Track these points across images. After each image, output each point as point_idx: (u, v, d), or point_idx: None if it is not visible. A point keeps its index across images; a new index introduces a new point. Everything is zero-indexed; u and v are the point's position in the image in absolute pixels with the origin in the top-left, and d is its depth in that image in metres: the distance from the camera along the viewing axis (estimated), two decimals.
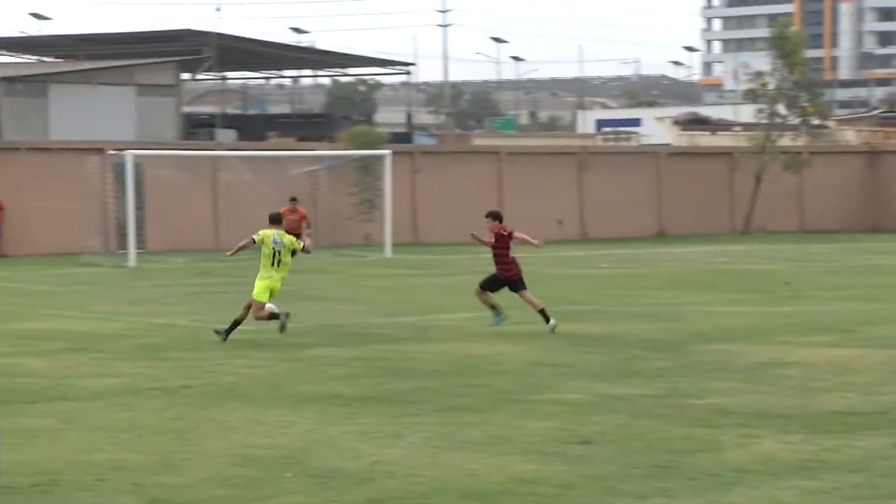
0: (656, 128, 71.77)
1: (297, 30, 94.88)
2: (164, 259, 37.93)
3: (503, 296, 21.22)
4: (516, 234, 21.38)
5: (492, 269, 21.37)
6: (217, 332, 19.43)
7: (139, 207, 39.80)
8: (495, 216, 21.66)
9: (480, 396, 14.63)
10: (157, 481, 10.65)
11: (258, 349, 18.60)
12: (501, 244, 21.18)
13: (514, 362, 17.31)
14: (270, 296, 19.85)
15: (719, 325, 21.45)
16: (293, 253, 20.31)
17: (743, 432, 12.58)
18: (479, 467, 11.15)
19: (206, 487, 10.48)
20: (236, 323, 19.49)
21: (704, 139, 64.97)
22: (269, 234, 20.16)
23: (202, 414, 13.56)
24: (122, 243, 38.70)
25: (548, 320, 20.36)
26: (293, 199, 34.47)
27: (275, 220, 20.65)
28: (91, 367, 16.90)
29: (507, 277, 21.00)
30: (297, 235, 32.96)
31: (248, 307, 19.65)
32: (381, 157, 43.07)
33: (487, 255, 21.90)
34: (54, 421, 13.23)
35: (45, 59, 70.56)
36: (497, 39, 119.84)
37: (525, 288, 20.92)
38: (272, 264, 19.93)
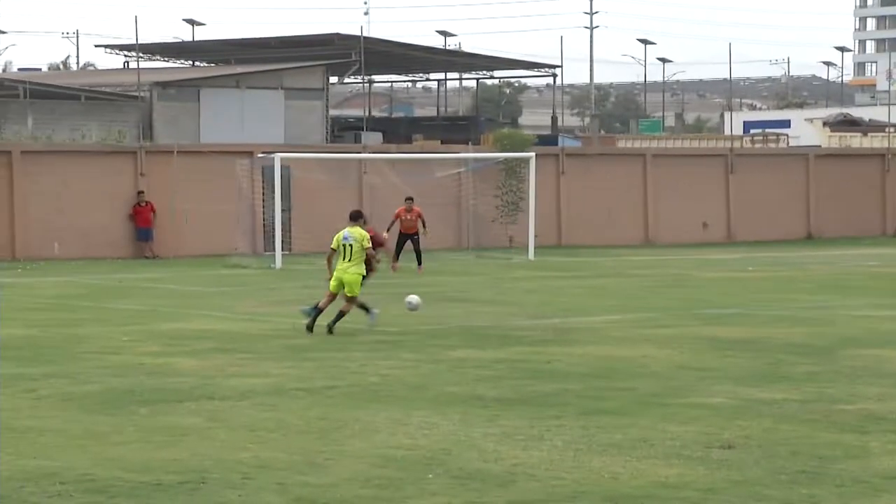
0: (806, 129, 70.68)
1: (443, 33, 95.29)
2: (310, 261, 38.34)
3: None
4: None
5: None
6: (305, 310, 21.46)
7: (286, 209, 40.34)
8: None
9: (623, 399, 14.55)
10: (301, 480, 10.75)
11: (403, 350, 18.72)
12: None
13: (658, 365, 17.18)
14: (342, 286, 21.27)
15: (869, 329, 21.06)
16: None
17: (893, 439, 12.35)
18: (622, 471, 11.10)
19: (349, 487, 10.56)
20: (340, 314, 21.07)
21: (856, 140, 63.82)
22: (340, 234, 21.55)
23: (346, 414, 13.67)
24: (270, 245, 39.28)
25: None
26: (409, 199, 34.90)
27: (354, 218, 21.90)
28: (238, 367, 17.16)
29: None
30: (415, 234, 33.23)
31: (344, 300, 21.23)
32: (525, 160, 43.05)
33: (632, 257, 21.80)
34: (202, 420, 13.45)
35: (197, 63, 71.92)
36: (644, 41, 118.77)
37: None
38: (343, 258, 21.32)
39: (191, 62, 72.48)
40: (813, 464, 11.31)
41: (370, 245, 21.39)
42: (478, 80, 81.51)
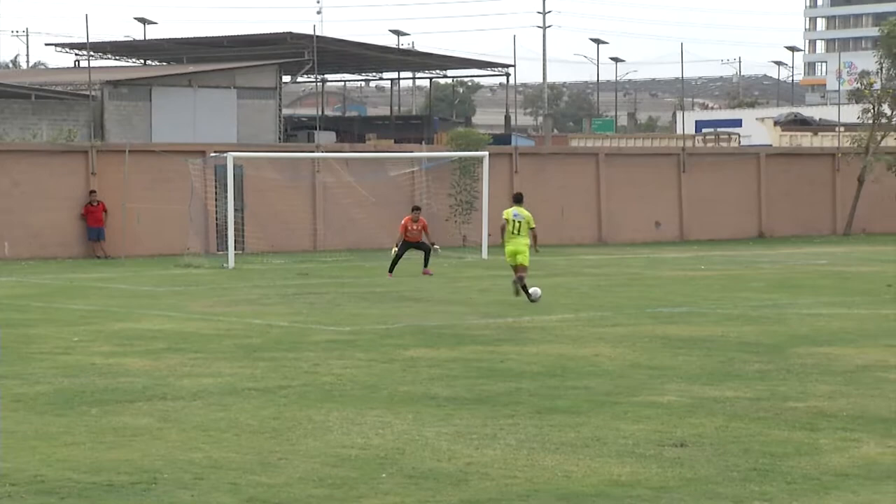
0: (757, 128, 71.17)
1: (396, 32, 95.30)
2: (262, 260, 38.28)
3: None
4: None
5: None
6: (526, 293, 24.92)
7: (239, 209, 40.21)
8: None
9: (576, 398, 14.59)
10: (254, 480, 10.73)
11: (356, 350, 18.69)
12: None
13: (611, 364, 17.24)
14: (516, 256, 25.72)
15: (819, 327, 21.20)
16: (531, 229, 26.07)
17: (843, 436, 12.44)
18: (575, 469, 11.13)
19: (302, 487, 10.55)
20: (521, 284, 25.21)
21: (806, 140, 64.29)
22: (510, 211, 26.15)
23: (299, 414, 13.65)
24: (222, 244, 39.16)
25: None
26: (416, 209, 34.56)
27: (518, 199, 26.97)
28: (190, 367, 17.09)
29: None
30: (421, 244, 33.08)
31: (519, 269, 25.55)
32: (479, 159, 43.09)
33: (585, 256, 21.89)
34: (154, 420, 13.39)
35: (149, 62, 71.58)
36: (596, 41, 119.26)
37: None
38: (511, 232, 25.91)
39: (142, 61, 72.14)
40: (764, 461, 11.38)
41: (533, 225, 26.09)
42: (431, 79, 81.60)
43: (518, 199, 27.05)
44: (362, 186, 43.30)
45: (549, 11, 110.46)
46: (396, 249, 32.82)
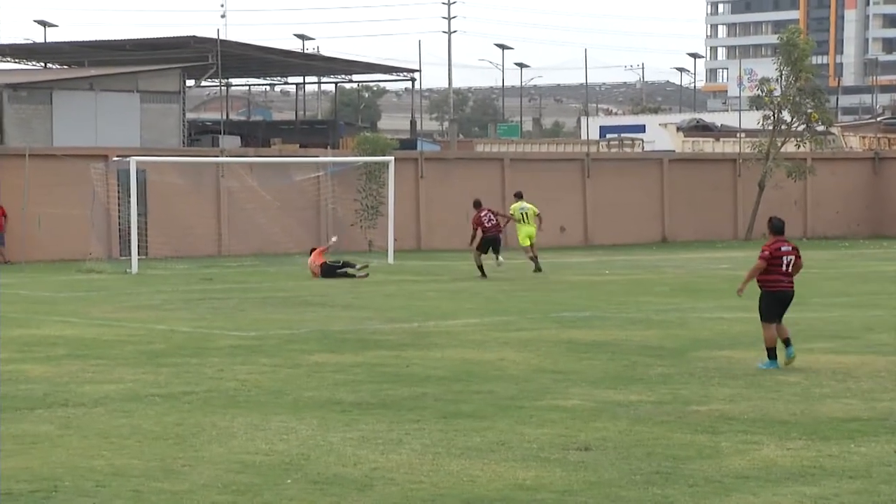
0: (660, 134, 71.82)
1: (301, 36, 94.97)
2: (166, 265, 37.94)
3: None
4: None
5: None
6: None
7: (142, 214, 39.81)
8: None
9: (481, 403, 14.62)
10: (157, 487, 10.64)
11: (260, 355, 18.60)
12: None
13: (516, 368, 17.30)
14: (530, 239, 34.86)
15: (721, 331, 21.45)
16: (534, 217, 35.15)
17: (744, 439, 12.59)
18: (480, 474, 11.16)
19: (206, 494, 10.48)
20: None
21: (708, 146, 65.01)
22: (517, 205, 35.37)
23: (203, 420, 13.55)
24: (125, 249, 38.73)
25: None
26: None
27: (520, 196, 35.81)
28: (92, 374, 16.90)
29: None
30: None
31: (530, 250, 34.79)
32: (384, 164, 43.07)
33: (489, 261, 21.86)
34: (55, 427, 13.23)
35: (50, 65, 70.62)
36: (501, 46, 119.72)
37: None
38: (521, 221, 35.04)
39: (43, 64, 71.12)
40: (667, 464, 11.48)
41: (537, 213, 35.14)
42: (336, 83, 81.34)
43: (520, 196, 35.80)
44: (267, 191, 43.08)
45: (455, 17, 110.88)
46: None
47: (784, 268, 17.28)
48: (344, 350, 19.14)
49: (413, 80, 70.98)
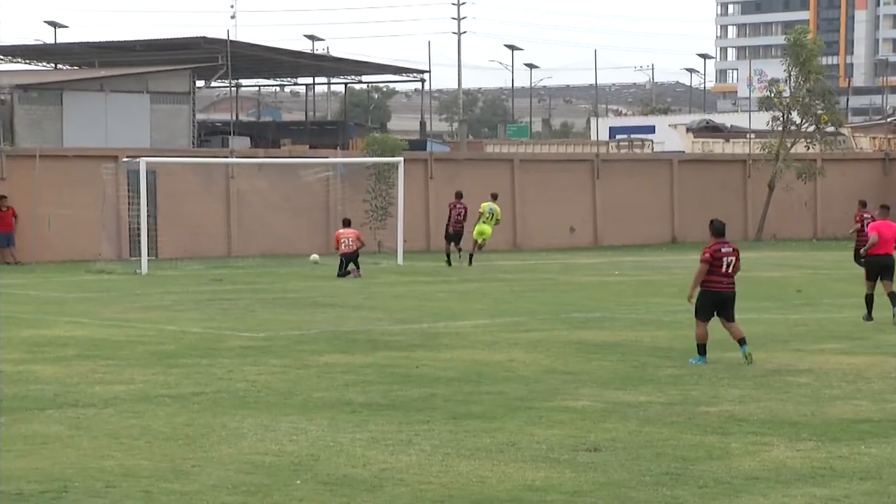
0: (670, 135, 71.67)
1: (311, 37, 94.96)
2: (176, 266, 37.96)
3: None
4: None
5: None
6: None
7: (152, 214, 39.82)
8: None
9: (491, 404, 14.61)
10: (166, 488, 10.64)
11: (270, 356, 18.60)
12: None
13: (526, 369, 17.29)
14: (483, 236, 37.60)
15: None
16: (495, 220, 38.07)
17: (754, 440, 12.57)
18: (490, 475, 11.15)
19: (215, 494, 10.48)
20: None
21: (718, 146, 64.88)
22: (486, 205, 37.89)
23: (213, 421, 13.55)
24: (135, 250, 38.72)
25: None
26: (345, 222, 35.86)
27: (494, 198, 38.80)
28: (102, 374, 16.91)
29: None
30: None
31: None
32: (394, 165, 43.05)
33: (500, 262, 21.94)
34: (65, 428, 13.23)
35: (60, 66, 70.72)
36: (511, 47, 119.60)
37: None
38: (483, 220, 37.73)
39: (53, 65, 71.21)
40: (676, 465, 11.47)
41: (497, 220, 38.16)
42: (346, 84, 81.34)
43: (495, 197, 39.01)
44: (277, 192, 43.07)
45: (464, 17, 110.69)
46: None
47: (724, 269, 17.96)
48: (354, 351, 19.14)
49: (423, 80, 70.97)
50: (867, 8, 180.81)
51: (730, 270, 17.96)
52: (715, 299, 17.89)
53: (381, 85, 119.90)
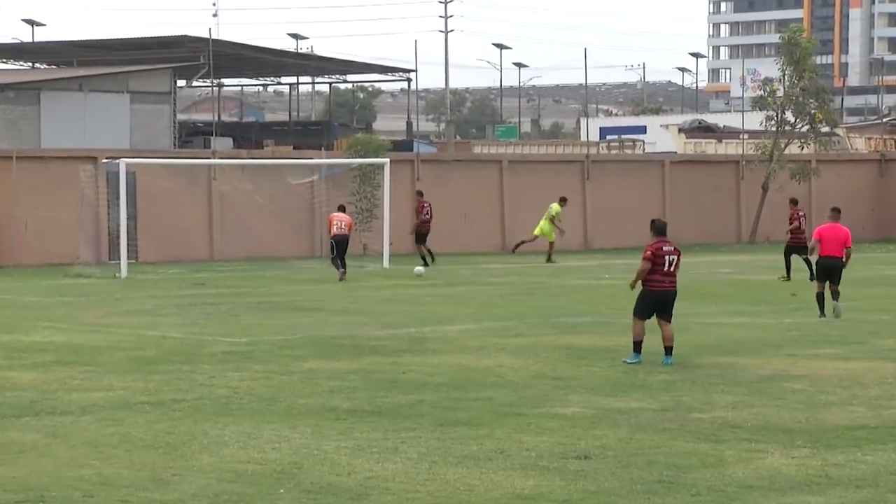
0: (662, 135, 71.49)
1: (295, 36, 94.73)
2: (156, 270, 37.69)
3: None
4: None
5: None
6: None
7: (132, 217, 39.49)
8: None
9: (479, 410, 14.44)
10: (146, 497, 10.50)
11: (253, 362, 18.38)
12: None
13: (514, 375, 17.09)
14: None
15: (724, 337, 21.24)
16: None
17: (748, 447, 12.44)
18: (478, 483, 11.02)
19: (196, 503, 10.26)
20: None
21: (711, 147, 64.67)
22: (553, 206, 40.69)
23: (194, 428, 13.37)
24: (115, 253, 38.36)
25: None
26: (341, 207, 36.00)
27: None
28: (80, 381, 16.69)
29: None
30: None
31: None
32: (380, 166, 42.80)
33: (490, 265, 21.75)
34: (42, 435, 13.05)
35: (38, 65, 70.33)
36: (499, 45, 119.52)
37: None
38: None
39: (30, 64, 70.81)
40: (668, 473, 11.33)
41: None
42: (331, 84, 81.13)
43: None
44: (260, 194, 42.77)
45: (452, 16, 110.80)
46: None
47: (666, 268, 18.36)
48: (339, 356, 18.92)
49: (409, 80, 70.73)
50: (862, 6, 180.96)
51: (671, 269, 18.22)
52: (657, 299, 18.28)
53: (366, 84, 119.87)
